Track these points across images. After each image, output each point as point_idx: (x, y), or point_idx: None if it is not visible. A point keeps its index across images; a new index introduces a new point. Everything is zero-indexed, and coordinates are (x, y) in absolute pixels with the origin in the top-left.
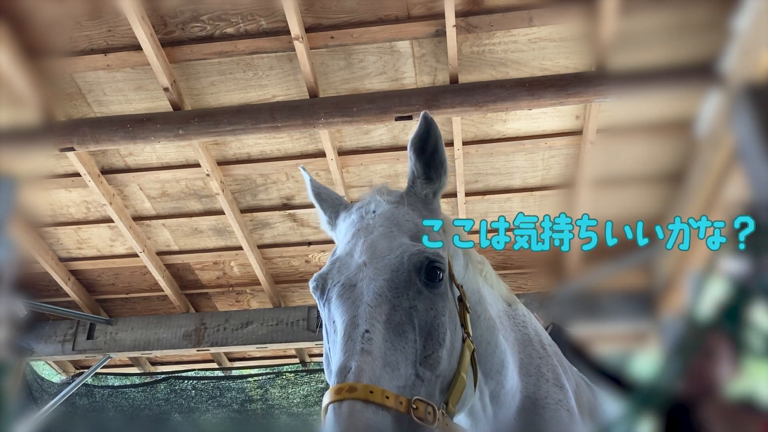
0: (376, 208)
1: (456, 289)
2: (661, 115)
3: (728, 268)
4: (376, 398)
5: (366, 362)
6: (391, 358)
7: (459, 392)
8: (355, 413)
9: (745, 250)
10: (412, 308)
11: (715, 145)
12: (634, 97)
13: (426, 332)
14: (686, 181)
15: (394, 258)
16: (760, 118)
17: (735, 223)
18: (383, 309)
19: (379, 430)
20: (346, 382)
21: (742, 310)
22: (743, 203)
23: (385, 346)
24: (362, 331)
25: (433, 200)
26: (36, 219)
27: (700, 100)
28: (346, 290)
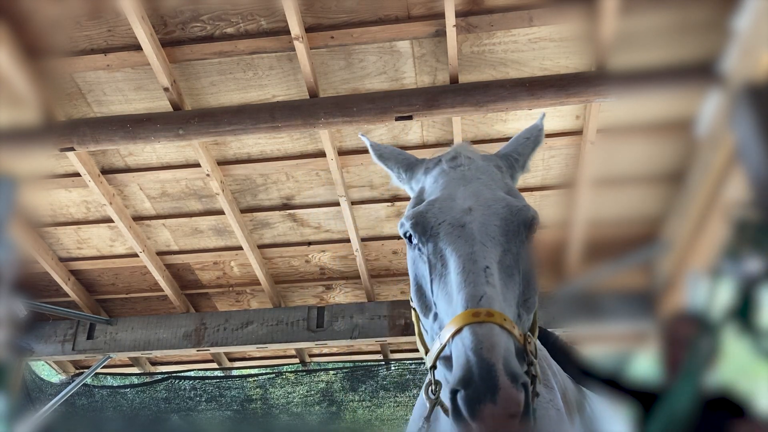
0: (469, 162)
1: None
2: (661, 115)
3: (730, 268)
4: (508, 326)
5: (494, 294)
6: (508, 295)
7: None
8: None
9: (745, 250)
10: (518, 254)
11: (715, 145)
12: (634, 97)
13: (527, 278)
14: (686, 181)
15: (502, 208)
16: (760, 118)
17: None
18: (497, 250)
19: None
20: (482, 308)
21: (747, 309)
22: (743, 203)
23: (501, 284)
24: (483, 266)
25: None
26: (36, 219)
27: (700, 100)
28: (455, 229)
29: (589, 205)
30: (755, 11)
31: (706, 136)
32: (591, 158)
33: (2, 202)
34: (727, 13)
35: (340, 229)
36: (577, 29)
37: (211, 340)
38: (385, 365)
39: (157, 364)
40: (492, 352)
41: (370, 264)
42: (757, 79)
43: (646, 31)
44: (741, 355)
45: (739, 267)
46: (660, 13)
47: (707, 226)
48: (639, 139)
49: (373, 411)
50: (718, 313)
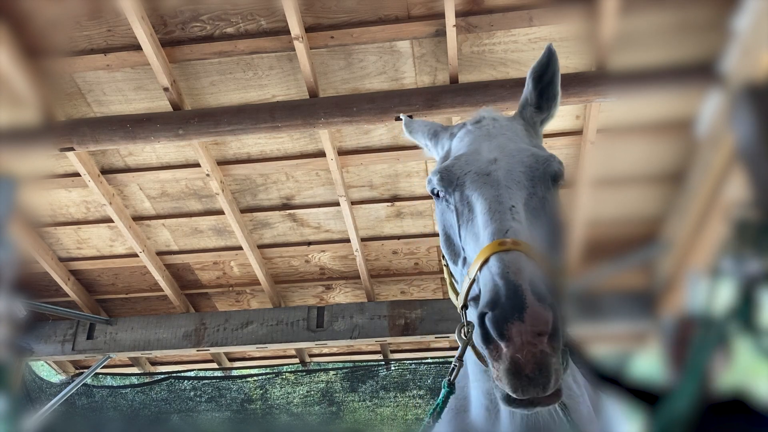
0: (494, 121)
1: None
2: (661, 115)
3: (731, 268)
4: (535, 257)
5: (520, 228)
6: (534, 232)
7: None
8: (522, 260)
9: (746, 250)
10: (544, 198)
11: (715, 145)
12: (634, 97)
13: (552, 221)
14: (686, 181)
15: (527, 157)
16: (760, 118)
17: (736, 223)
18: (523, 193)
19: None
20: (509, 238)
21: (748, 310)
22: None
23: (528, 222)
24: (509, 206)
25: (539, 128)
26: (36, 219)
27: (700, 100)
28: (481, 177)
29: (589, 205)
30: (755, 11)
31: (706, 136)
32: (591, 158)
33: (2, 202)
34: (727, 13)
35: (340, 229)
36: (577, 29)
37: (211, 340)
38: (385, 365)
39: (157, 364)
40: (519, 274)
41: (370, 264)
42: (757, 79)
43: (646, 31)
44: (743, 355)
45: (740, 267)
46: (660, 13)
47: (707, 226)
48: (639, 139)
49: (373, 411)
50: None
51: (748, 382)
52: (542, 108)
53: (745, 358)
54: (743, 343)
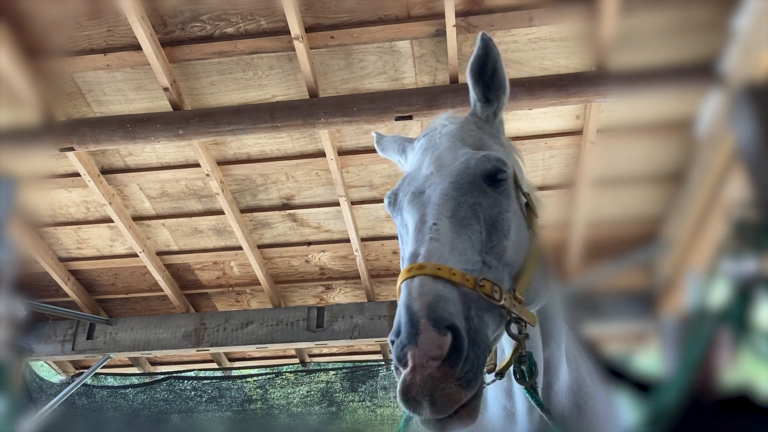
0: (442, 129)
1: (522, 197)
2: (661, 115)
3: (730, 267)
4: (444, 274)
5: (434, 247)
6: (458, 245)
7: (526, 282)
8: (424, 285)
9: (745, 250)
10: (476, 204)
11: (715, 145)
12: (634, 97)
13: (490, 225)
14: (686, 181)
15: (459, 164)
16: (760, 118)
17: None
18: (449, 206)
19: (447, 300)
20: (417, 263)
21: (744, 310)
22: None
23: (452, 236)
24: (430, 224)
25: (494, 120)
26: (36, 219)
27: (700, 100)
28: (416, 197)
29: (589, 205)
30: (755, 11)
31: (706, 136)
32: (591, 158)
33: (2, 202)
34: (727, 13)
35: (340, 229)
36: (577, 29)
37: (211, 340)
38: (385, 365)
39: (157, 364)
40: (415, 300)
41: (370, 264)
42: (757, 79)
43: (646, 31)
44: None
45: (737, 266)
46: (660, 13)
47: (707, 226)
48: (639, 139)
49: (373, 411)
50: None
51: (753, 380)
52: (491, 99)
53: (748, 357)
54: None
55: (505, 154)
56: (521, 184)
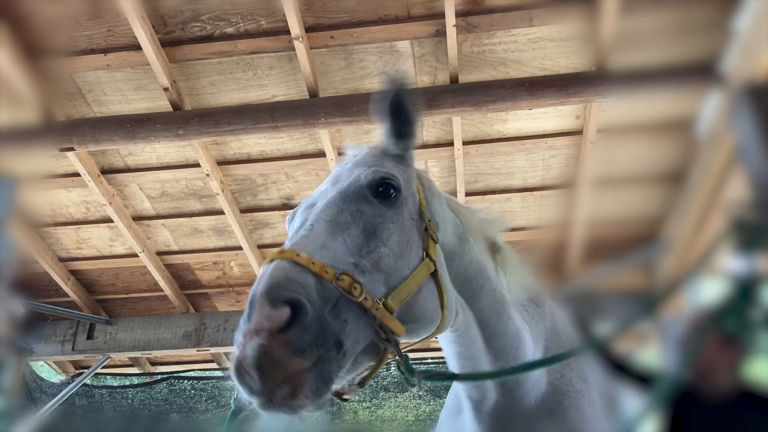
0: (351, 158)
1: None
2: (661, 115)
3: (729, 267)
4: (302, 261)
5: (302, 241)
6: (330, 244)
7: (403, 294)
8: (276, 269)
9: (745, 250)
10: (358, 211)
11: (715, 145)
12: (634, 97)
13: (370, 232)
14: (686, 181)
15: (352, 178)
16: (760, 118)
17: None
18: (330, 211)
19: (295, 281)
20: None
21: (743, 308)
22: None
23: (325, 236)
24: (307, 225)
25: (405, 154)
26: (36, 219)
27: (700, 100)
28: (307, 208)
29: (589, 205)
30: (755, 11)
31: (706, 136)
32: (591, 158)
33: (2, 202)
34: (727, 13)
35: None
36: (577, 29)
37: (211, 340)
38: (385, 365)
39: (157, 364)
40: (260, 283)
41: None
42: (757, 79)
43: (646, 31)
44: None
45: (736, 266)
46: (660, 13)
47: (707, 226)
48: (639, 139)
49: (373, 412)
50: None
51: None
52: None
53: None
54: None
55: (405, 177)
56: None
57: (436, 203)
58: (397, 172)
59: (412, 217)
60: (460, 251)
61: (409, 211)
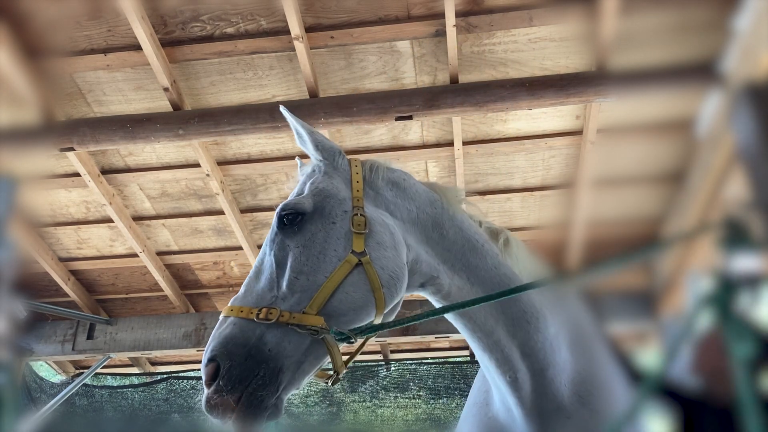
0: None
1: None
2: (661, 115)
3: (728, 267)
4: (233, 314)
5: (238, 296)
6: (254, 288)
7: (321, 298)
8: (217, 329)
9: (744, 250)
10: (272, 250)
11: (715, 145)
12: (634, 97)
13: (280, 264)
14: (686, 181)
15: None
16: (760, 118)
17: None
18: (260, 257)
19: (228, 335)
20: None
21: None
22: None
23: (253, 282)
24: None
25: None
26: (36, 219)
27: (700, 100)
28: None
29: (589, 205)
30: (755, 11)
31: (706, 136)
32: (591, 158)
33: (2, 202)
34: (727, 13)
35: None
36: (577, 29)
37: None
38: (385, 365)
39: (157, 364)
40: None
41: None
42: (757, 79)
43: (646, 31)
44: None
45: (734, 266)
46: (660, 13)
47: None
48: (639, 139)
49: (373, 411)
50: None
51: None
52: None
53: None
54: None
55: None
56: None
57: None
58: (311, 189)
59: (332, 221)
60: (442, 212)
61: (324, 220)
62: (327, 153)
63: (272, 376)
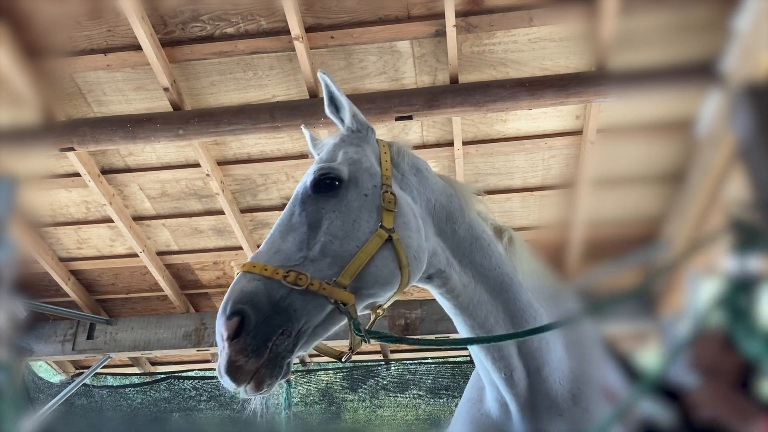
0: (323, 147)
1: (378, 194)
2: (661, 115)
3: (727, 267)
4: (257, 270)
5: (260, 251)
6: (282, 247)
7: (353, 269)
8: (236, 283)
9: (744, 250)
10: (303, 210)
11: (715, 145)
12: (634, 97)
13: (314, 225)
14: (686, 181)
15: (302, 182)
16: (760, 118)
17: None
18: (285, 216)
19: (244, 292)
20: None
21: (740, 308)
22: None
23: (279, 240)
24: (269, 235)
25: (359, 133)
26: (36, 219)
27: (700, 100)
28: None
29: (589, 205)
30: (755, 11)
31: (706, 136)
32: (591, 158)
33: (2, 202)
34: (727, 13)
35: None
36: (577, 29)
37: (211, 340)
38: (385, 365)
39: (157, 364)
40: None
41: None
42: (757, 79)
43: (646, 31)
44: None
45: (734, 266)
46: (660, 13)
47: (707, 226)
48: (639, 139)
49: (373, 411)
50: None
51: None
52: (344, 119)
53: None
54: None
55: (353, 160)
56: (390, 182)
57: (409, 167)
58: (346, 157)
59: (364, 193)
60: (458, 207)
61: (359, 190)
62: (362, 126)
63: (294, 336)
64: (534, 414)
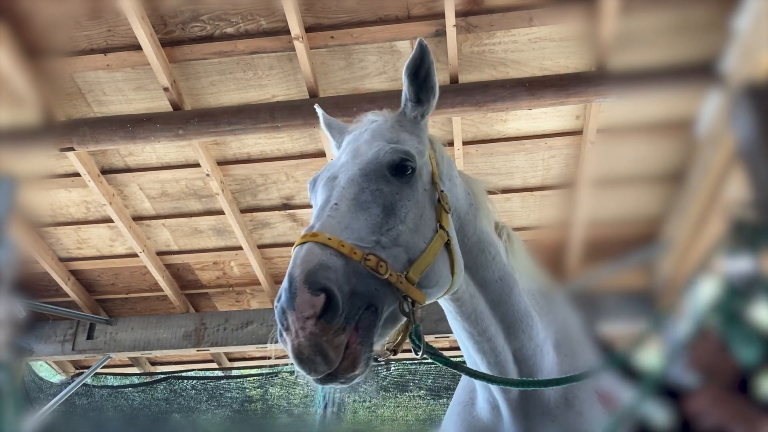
0: (369, 124)
1: (436, 192)
2: (661, 115)
3: (727, 267)
4: (333, 244)
5: (329, 222)
6: (353, 224)
7: (423, 266)
8: (310, 253)
9: (744, 250)
10: (378, 190)
11: (715, 145)
12: (634, 97)
13: (389, 209)
14: (686, 181)
15: (371, 154)
16: (760, 118)
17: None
18: (353, 189)
19: (328, 267)
20: (311, 231)
21: (737, 310)
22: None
23: (349, 215)
24: (332, 204)
25: (421, 121)
26: (36, 219)
27: (700, 100)
28: (329, 181)
29: (589, 205)
30: (755, 11)
31: (706, 136)
32: (591, 158)
33: (2, 202)
34: (727, 13)
35: None
36: (577, 29)
37: (211, 340)
38: (385, 365)
39: (157, 364)
40: (297, 267)
41: None
42: (757, 79)
43: (646, 31)
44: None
45: (734, 266)
46: (660, 13)
47: (707, 226)
48: (639, 139)
49: (373, 411)
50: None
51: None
52: (422, 101)
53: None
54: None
55: (419, 150)
56: (439, 181)
57: (447, 170)
58: (412, 145)
59: (425, 188)
60: (472, 218)
61: (422, 184)
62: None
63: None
64: (527, 420)
